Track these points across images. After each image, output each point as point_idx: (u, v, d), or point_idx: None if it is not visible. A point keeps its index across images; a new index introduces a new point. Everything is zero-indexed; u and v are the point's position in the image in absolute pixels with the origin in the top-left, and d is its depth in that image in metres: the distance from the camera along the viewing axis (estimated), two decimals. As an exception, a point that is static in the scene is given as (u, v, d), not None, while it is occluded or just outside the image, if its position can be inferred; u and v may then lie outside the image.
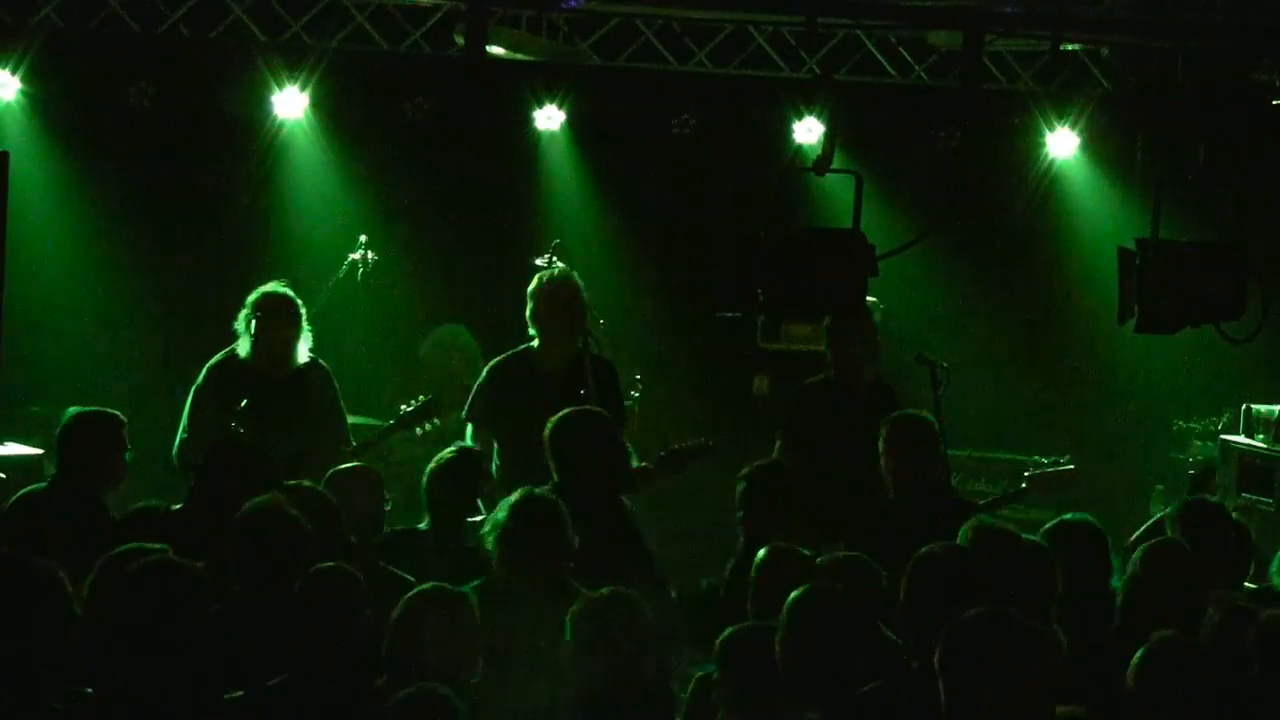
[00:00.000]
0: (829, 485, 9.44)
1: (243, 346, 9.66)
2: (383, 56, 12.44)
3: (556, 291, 9.89)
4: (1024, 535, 7.39)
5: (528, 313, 9.89)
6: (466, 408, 9.97)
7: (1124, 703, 6.13)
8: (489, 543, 7.37)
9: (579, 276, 10.12)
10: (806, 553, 7.37)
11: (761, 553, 7.40)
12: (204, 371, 9.77)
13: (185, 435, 9.62)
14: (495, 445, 9.82)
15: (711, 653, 6.58)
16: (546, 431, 8.48)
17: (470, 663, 6.37)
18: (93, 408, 8.47)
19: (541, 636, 6.79)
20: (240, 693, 6.15)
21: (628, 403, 11.20)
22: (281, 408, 9.57)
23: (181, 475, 9.12)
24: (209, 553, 6.63)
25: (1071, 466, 10.79)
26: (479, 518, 8.19)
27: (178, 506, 7.89)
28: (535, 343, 9.90)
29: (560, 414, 8.56)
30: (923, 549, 6.59)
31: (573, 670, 6.45)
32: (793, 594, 6.39)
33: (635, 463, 9.70)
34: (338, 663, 6.16)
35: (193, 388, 9.74)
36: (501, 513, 7.43)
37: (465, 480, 8.43)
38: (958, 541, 7.00)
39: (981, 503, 9.90)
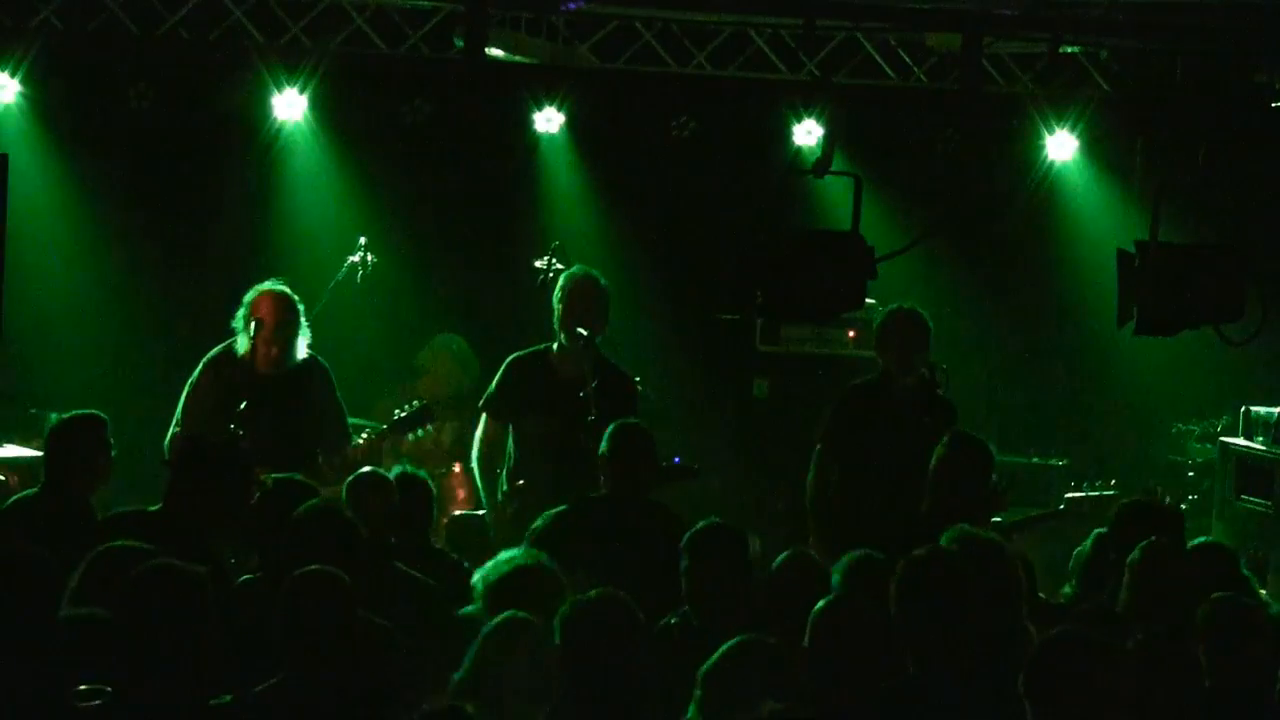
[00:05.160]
0: (874, 487, 9.39)
1: (240, 343, 9.70)
2: (382, 59, 12.40)
3: (588, 290, 9.92)
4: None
5: (556, 315, 9.89)
6: (484, 398, 10.10)
7: None
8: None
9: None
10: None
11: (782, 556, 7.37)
12: (200, 366, 9.80)
13: (178, 429, 9.66)
14: (510, 437, 9.94)
15: None
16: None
17: (547, 692, 6.21)
18: (76, 411, 8.41)
19: None
20: (229, 697, 6.12)
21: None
22: (279, 404, 9.61)
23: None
24: (191, 552, 6.61)
25: (1113, 493, 10.48)
26: None
27: (155, 508, 7.87)
28: (555, 345, 9.94)
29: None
30: (908, 555, 6.60)
31: (561, 674, 6.25)
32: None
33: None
34: (331, 666, 6.13)
35: (189, 382, 9.77)
36: None
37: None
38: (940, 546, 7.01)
39: (1015, 521, 9.85)
